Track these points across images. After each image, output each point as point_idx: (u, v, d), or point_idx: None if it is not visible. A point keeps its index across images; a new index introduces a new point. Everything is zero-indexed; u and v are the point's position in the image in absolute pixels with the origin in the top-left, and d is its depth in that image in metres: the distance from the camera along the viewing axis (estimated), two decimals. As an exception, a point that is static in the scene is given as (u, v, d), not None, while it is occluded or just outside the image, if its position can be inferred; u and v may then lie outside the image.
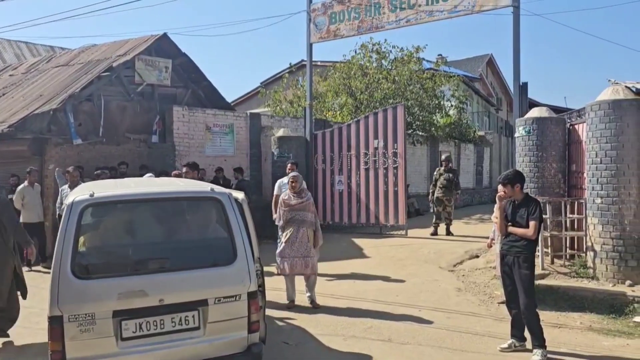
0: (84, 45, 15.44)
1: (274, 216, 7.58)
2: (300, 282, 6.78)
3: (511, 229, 4.91)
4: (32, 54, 24.08)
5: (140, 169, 10.54)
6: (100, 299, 3.49)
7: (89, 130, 11.39)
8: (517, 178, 4.94)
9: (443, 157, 12.07)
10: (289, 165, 8.43)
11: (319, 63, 20.88)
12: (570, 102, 57.51)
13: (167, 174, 10.46)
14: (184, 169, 8.10)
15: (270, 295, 6.69)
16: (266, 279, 7.43)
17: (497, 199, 5.09)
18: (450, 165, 11.82)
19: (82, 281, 3.49)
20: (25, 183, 9.57)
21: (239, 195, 4.37)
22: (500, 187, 5.02)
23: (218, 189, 4.12)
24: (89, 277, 3.57)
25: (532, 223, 4.76)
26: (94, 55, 13.68)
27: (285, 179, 7.73)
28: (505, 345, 4.99)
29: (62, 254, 3.47)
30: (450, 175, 11.54)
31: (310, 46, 12.86)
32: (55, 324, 3.39)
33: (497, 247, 6.59)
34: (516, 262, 4.84)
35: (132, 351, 3.55)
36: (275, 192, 8.45)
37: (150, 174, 9.03)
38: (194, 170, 7.75)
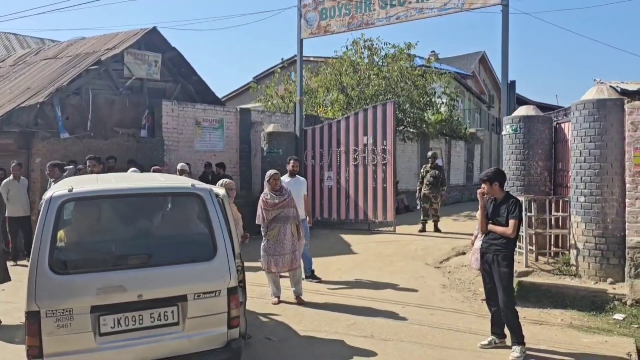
0: (73, 38, 15.33)
1: None
2: (284, 278, 6.79)
3: (491, 226, 4.96)
4: (21, 46, 23.84)
5: (128, 163, 10.49)
6: (78, 294, 3.48)
7: (77, 124, 11.32)
8: (496, 176, 4.98)
9: (429, 154, 12.10)
10: (292, 162, 7.83)
11: (311, 58, 20.89)
12: (562, 100, 57.87)
13: (157, 169, 10.43)
14: (88, 162, 8.08)
15: (255, 292, 6.72)
16: (253, 274, 7.48)
17: (478, 195, 5.11)
18: (436, 162, 11.86)
19: (60, 276, 3.48)
20: (11, 177, 9.47)
21: (220, 191, 4.37)
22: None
23: (199, 184, 4.12)
24: (67, 272, 3.57)
25: (511, 222, 4.80)
26: (82, 48, 13.58)
27: (286, 177, 7.53)
28: (486, 342, 5.04)
29: (39, 249, 3.45)
30: (437, 172, 11.59)
31: (300, 42, 12.83)
32: (33, 319, 3.38)
33: (477, 244, 6.64)
34: (495, 259, 4.88)
35: (110, 347, 3.55)
36: None
37: (135, 169, 9.00)
38: (100, 164, 7.79)
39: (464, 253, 9.14)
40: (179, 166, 9.65)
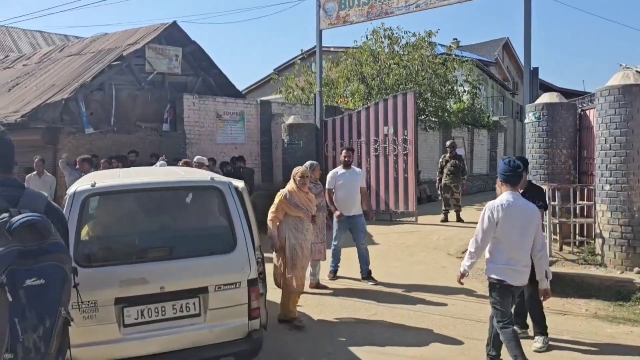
0: (96, 34, 15.59)
1: (336, 213, 7.08)
2: (308, 269, 6.83)
3: None
4: (47, 43, 24.31)
5: (151, 157, 10.66)
6: (102, 286, 3.56)
7: (101, 119, 11.53)
8: (525, 165, 4.85)
9: (448, 143, 11.96)
10: (344, 152, 7.32)
11: (331, 49, 20.80)
12: (589, 85, 56.45)
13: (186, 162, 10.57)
14: (78, 164, 8.30)
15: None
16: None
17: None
18: (455, 151, 11.73)
19: (85, 269, 3.56)
20: (34, 172, 9.41)
21: (239, 184, 4.41)
22: None
23: (218, 177, 4.16)
24: (91, 265, 3.65)
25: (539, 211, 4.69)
26: (105, 44, 13.78)
27: (340, 169, 7.24)
28: None
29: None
30: (456, 161, 11.46)
31: (319, 33, 12.80)
32: (59, 310, 3.48)
33: None
34: None
35: (134, 337, 3.63)
36: (328, 186, 7.21)
37: (163, 162, 9.17)
38: (90, 166, 7.96)
39: (486, 243, 9.04)
40: (195, 159, 9.76)
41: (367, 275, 7.12)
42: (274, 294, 5.72)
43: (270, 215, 5.54)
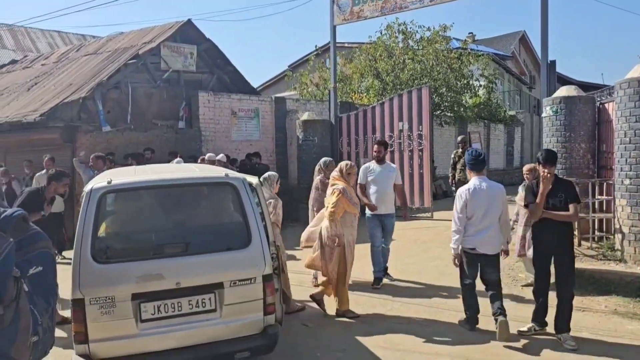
0: (112, 34, 15.72)
1: (369, 205, 6.68)
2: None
3: (552, 213, 4.63)
4: (64, 43, 24.63)
5: (169, 155, 10.76)
6: (119, 282, 3.61)
7: (117, 118, 11.65)
8: (556, 158, 4.81)
9: (459, 139, 11.83)
10: (375, 146, 6.94)
11: (345, 45, 20.75)
12: (608, 78, 55.51)
13: (195, 159, 10.67)
14: (92, 161, 8.39)
15: (293, 279, 6.77)
16: (292, 262, 7.55)
17: (542, 181, 4.63)
18: (467, 146, 11.61)
19: (102, 265, 3.62)
20: (44, 171, 9.26)
21: (253, 180, 4.43)
22: (539, 168, 4.69)
23: (232, 174, 4.18)
24: (108, 261, 3.70)
25: (573, 206, 4.61)
26: (121, 43, 13.91)
27: (372, 164, 6.88)
28: (525, 329, 4.94)
29: (82, 239, 3.59)
30: None
31: (333, 28, 12.75)
32: (78, 306, 3.53)
33: (519, 230, 6.50)
34: (561, 248, 4.68)
35: (151, 333, 3.67)
36: (360, 181, 6.84)
37: (179, 160, 9.26)
38: (104, 163, 8.23)
39: (503, 238, 8.95)
40: (207, 156, 9.83)
41: (384, 273, 6.92)
42: (301, 292, 5.72)
43: (330, 213, 5.43)
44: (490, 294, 4.98)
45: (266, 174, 5.73)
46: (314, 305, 6.07)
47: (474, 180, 4.97)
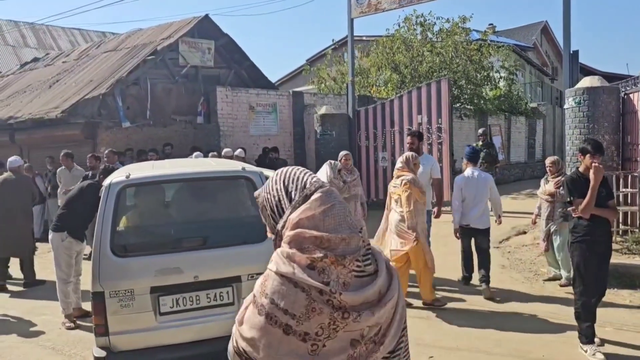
0: (131, 30, 15.86)
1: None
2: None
3: (603, 210, 4.27)
4: (85, 40, 24.97)
5: (191, 150, 10.87)
6: (138, 275, 3.64)
7: (137, 113, 11.77)
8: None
9: (480, 131, 11.68)
10: (409, 138, 6.51)
11: (363, 38, 20.61)
12: (633, 68, 54.21)
13: (214, 154, 10.71)
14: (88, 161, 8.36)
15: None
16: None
17: (594, 174, 4.16)
18: (487, 139, 11.46)
19: (121, 259, 3.65)
20: (62, 167, 9.22)
21: (270, 173, 4.41)
22: (586, 159, 4.29)
23: (249, 167, 4.18)
24: (127, 255, 3.73)
25: (613, 202, 4.42)
26: (139, 39, 14.02)
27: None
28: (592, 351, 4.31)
29: (101, 233, 3.63)
30: (489, 149, 11.19)
31: (351, 21, 12.65)
32: (98, 299, 3.57)
33: (542, 224, 6.37)
34: (606, 246, 4.41)
35: (170, 325, 3.69)
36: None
37: (198, 154, 9.34)
38: (97, 161, 8.28)
39: (524, 232, 8.85)
40: (223, 152, 9.89)
41: None
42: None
43: (409, 204, 5.41)
44: (480, 259, 6.05)
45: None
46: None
47: (468, 170, 6.19)
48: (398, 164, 5.75)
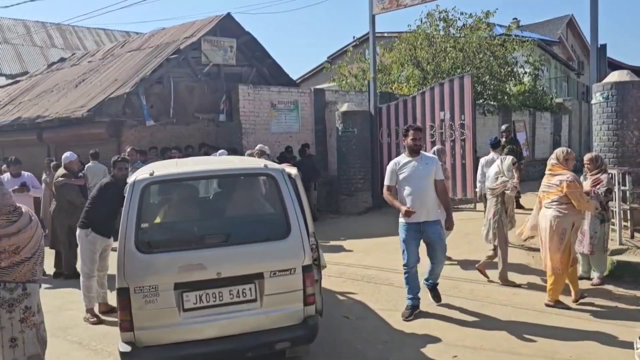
0: (154, 29, 16.04)
1: (402, 208, 5.13)
2: (364, 257, 6.79)
3: None
4: (109, 40, 25.37)
5: (200, 146, 11.04)
6: (162, 271, 3.68)
7: (160, 112, 11.90)
8: None
9: (503, 127, 11.51)
10: (411, 132, 5.28)
11: (385, 34, 20.49)
12: (664, 62, 52.74)
13: (236, 152, 10.78)
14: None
15: (333, 270, 6.78)
16: (333, 254, 7.55)
17: None
18: (511, 135, 11.27)
19: (145, 255, 3.70)
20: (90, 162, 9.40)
21: (292, 171, 4.42)
22: None
23: (271, 165, 4.19)
24: (151, 251, 3.77)
25: None
26: (163, 38, 14.18)
27: (403, 158, 5.33)
28: None
29: (126, 230, 3.68)
30: (513, 146, 11.01)
31: (372, 18, 12.57)
32: (123, 295, 3.62)
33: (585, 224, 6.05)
34: None
35: (193, 322, 3.73)
36: (386, 182, 5.40)
37: (223, 151, 9.41)
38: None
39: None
40: (247, 152, 9.93)
41: (432, 287, 5.57)
42: (330, 282, 5.69)
43: (584, 204, 5.41)
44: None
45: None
46: (355, 297, 6.05)
47: (491, 154, 8.51)
48: (552, 161, 5.59)
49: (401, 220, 5.25)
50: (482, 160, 8.61)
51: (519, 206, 11.03)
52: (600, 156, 6.44)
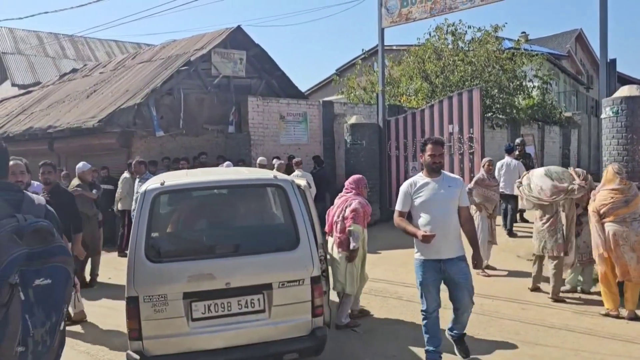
0: (165, 42, 16.23)
1: (418, 232, 4.07)
2: (372, 269, 6.75)
3: None
4: (121, 52, 25.66)
5: (217, 158, 11.04)
6: (171, 281, 3.69)
7: (170, 123, 12.00)
8: None
9: (517, 141, 11.49)
10: (430, 146, 4.24)
11: (393, 47, 20.56)
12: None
13: (244, 163, 10.83)
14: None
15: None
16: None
17: None
18: (524, 149, 11.25)
19: (155, 264, 3.71)
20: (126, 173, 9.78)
21: (301, 182, 4.44)
22: None
23: (281, 176, 4.21)
24: (161, 260, 3.79)
25: None
26: (173, 50, 14.34)
27: (420, 178, 4.26)
28: None
29: (136, 239, 3.70)
30: (525, 160, 10.98)
31: (381, 31, 12.65)
32: (132, 304, 3.63)
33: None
34: None
35: (202, 331, 3.73)
36: (398, 207, 4.28)
37: (229, 163, 9.43)
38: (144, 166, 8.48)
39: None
40: (259, 160, 9.99)
41: (457, 338, 4.57)
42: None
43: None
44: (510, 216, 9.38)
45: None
46: (364, 309, 6.02)
47: (506, 159, 9.91)
48: (609, 175, 5.77)
49: (417, 256, 4.24)
50: (498, 164, 9.67)
51: (524, 220, 10.98)
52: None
